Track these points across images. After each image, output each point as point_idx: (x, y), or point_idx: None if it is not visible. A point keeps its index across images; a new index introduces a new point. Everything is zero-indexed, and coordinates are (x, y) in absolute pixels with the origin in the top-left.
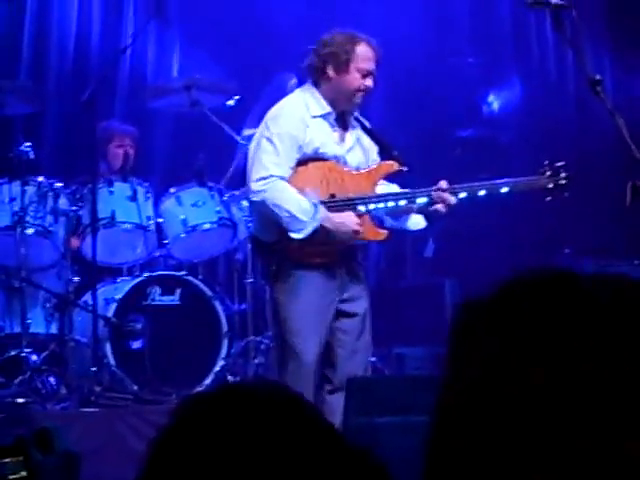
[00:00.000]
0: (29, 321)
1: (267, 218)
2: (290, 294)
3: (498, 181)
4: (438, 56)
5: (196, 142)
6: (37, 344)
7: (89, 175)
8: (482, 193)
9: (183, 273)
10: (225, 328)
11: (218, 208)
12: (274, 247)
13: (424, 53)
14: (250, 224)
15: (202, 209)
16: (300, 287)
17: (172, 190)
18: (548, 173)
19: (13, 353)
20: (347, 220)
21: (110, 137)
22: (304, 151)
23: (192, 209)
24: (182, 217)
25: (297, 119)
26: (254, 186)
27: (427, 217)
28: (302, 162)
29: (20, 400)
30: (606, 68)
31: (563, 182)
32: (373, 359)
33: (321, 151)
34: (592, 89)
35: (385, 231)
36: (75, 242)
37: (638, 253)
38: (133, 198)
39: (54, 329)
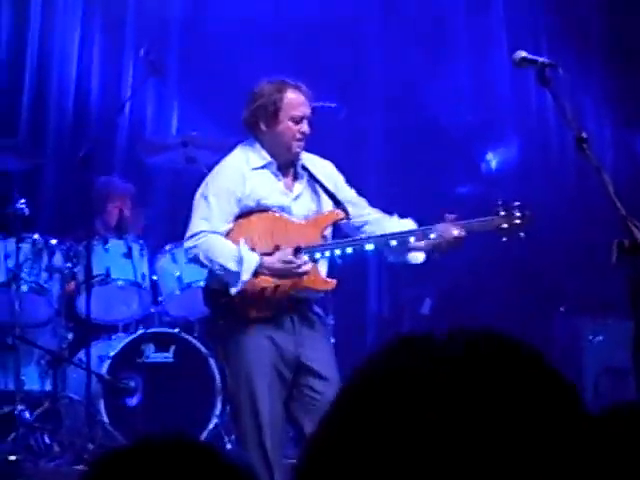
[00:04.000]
0: (23, 378)
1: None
2: (235, 350)
3: (450, 223)
4: (436, 113)
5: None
6: (31, 401)
7: (84, 232)
8: (433, 236)
9: (177, 330)
10: (219, 385)
11: None
12: (220, 300)
13: (422, 110)
14: None
15: (197, 266)
16: (247, 344)
17: (167, 247)
18: (502, 213)
19: (6, 410)
20: (284, 258)
21: (107, 195)
22: (245, 204)
23: (187, 266)
24: (177, 274)
25: (234, 173)
26: (185, 244)
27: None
28: (245, 214)
29: (13, 457)
30: (606, 124)
31: (518, 222)
32: None
33: (264, 202)
34: (578, 146)
35: (333, 280)
36: (70, 287)
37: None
38: (128, 255)
39: (48, 386)
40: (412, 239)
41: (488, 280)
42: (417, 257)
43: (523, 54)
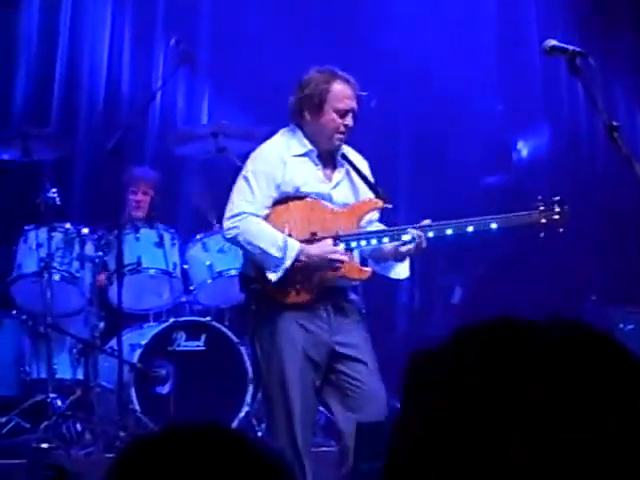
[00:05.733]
0: (55, 366)
1: (245, 254)
2: (269, 336)
3: (487, 217)
4: (467, 103)
5: (223, 188)
6: (63, 389)
7: (115, 221)
8: (470, 229)
9: (209, 319)
10: (250, 374)
11: None
12: (255, 286)
13: (452, 99)
14: None
15: (228, 255)
16: (280, 331)
17: (198, 236)
18: (541, 208)
19: (39, 398)
20: (325, 249)
21: (137, 184)
22: (283, 190)
23: (218, 255)
24: (208, 263)
25: (275, 158)
26: (226, 224)
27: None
28: (283, 201)
29: (45, 445)
30: (637, 113)
31: (556, 217)
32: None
33: (303, 189)
34: (609, 135)
35: (369, 269)
36: (101, 279)
37: None
38: (159, 244)
39: (80, 374)
40: (386, 239)
41: (518, 269)
42: (400, 272)
43: (553, 42)
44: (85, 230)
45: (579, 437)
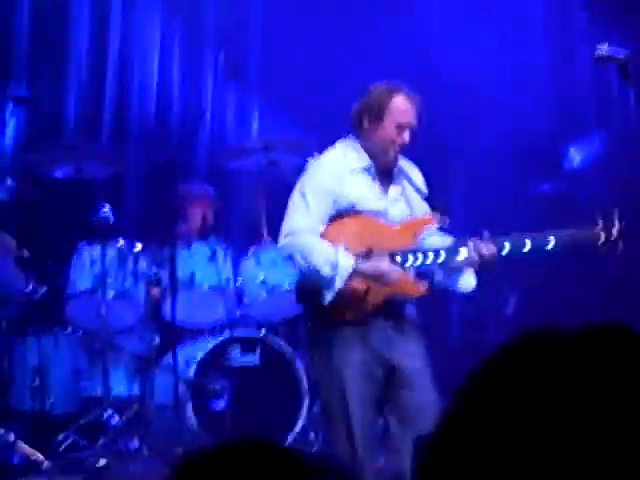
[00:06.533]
0: (111, 383)
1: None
2: (326, 353)
3: (542, 233)
4: (518, 111)
5: (275, 202)
6: (119, 406)
7: (168, 237)
8: (527, 248)
9: (263, 333)
10: (306, 387)
11: None
12: (311, 302)
13: (501, 106)
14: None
15: (281, 268)
16: (338, 347)
17: (251, 250)
18: (600, 225)
19: (95, 415)
20: (380, 265)
21: (189, 199)
22: (340, 205)
23: (271, 269)
24: (261, 277)
25: (333, 173)
26: (281, 240)
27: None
28: (338, 216)
29: (102, 462)
30: None
31: (616, 234)
32: None
33: (358, 206)
34: None
35: (425, 285)
36: (156, 293)
37: None
38: (212, 259)
39: (136, 390)
40: (443, 256)
41: (575, 276)
42: (469, 283)
43: (604, 51)
44: (138, 246)
45: (597, 438)
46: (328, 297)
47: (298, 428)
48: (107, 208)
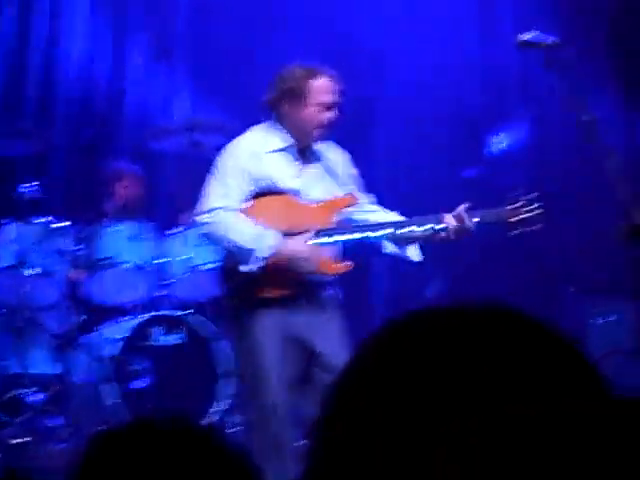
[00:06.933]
0: (31, 361)
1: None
2: (245, 331)
3: (470, 211)
4: (444, 94)
5: (199, 183)
6: (40, 384)
7: (93, 215)
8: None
9: (186, 312)
10: (227, 368)
11: None
12: (232, 279)
13: (429, 90)
14: None
15: (205, 249)
16: (257, 325)
17: (175, 230)
18: (517, 205)
19: (15, 393)
20: (297, 244)
21: (118, 177)
22: (259, 185)
23: (195, 249)
24: (185, 256)
25: (251, 153)
26: (199, 219)
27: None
28: (258, 196)
29: (19, 440)
30: (613, 105)
31: (533, 214)
32: None
33: (278, 185)
34: (584, 128)
35: (343, 264)
36: (75, 274)
37: None
38: (135, 238)
39: (57, 369)
40: (358, 234)
41: (496, 260)
42: (415, 254)
43: (526, 37)
44: (62, 224)
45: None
46: (248, 273)
47: (219, 408)
48: (31, 185)
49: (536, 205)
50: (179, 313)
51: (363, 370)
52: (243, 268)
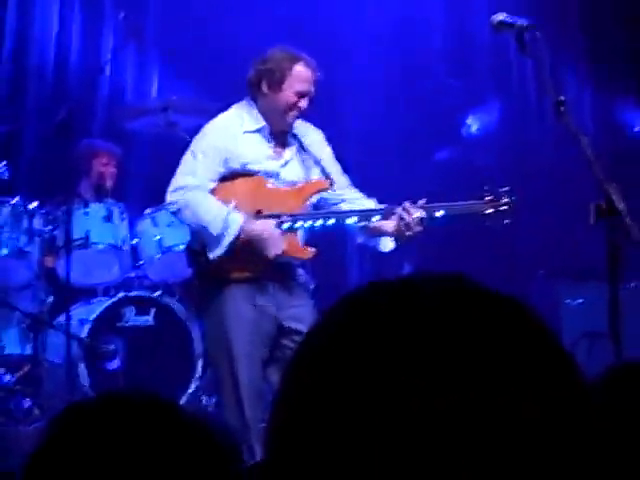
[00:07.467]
0: (3, 342)
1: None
2: (215, 312)
3: (434, 205)
4: (416, 77)
5: (173, 163)
6: (11, 364)
7: (65, 195)
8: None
9: (158, 294)
10: (200, 348)
11: None
12: (201, 260)
13: (401, 74)
14: None
15: (178, 229)
16: (227, 307)
17: (148, 211)
18: (488, 198)
19: None
20: (265, 227)
21: (95, 154)
22: (231, 165)
23: (168, 229)
24: (157, 238)
25: (226, 133)
26: (169, 196)
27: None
28: (230, 177)
29: None
30: (586, 88)
31: (504, 208)
32: None
33: (250, 166)
34: (556, 110)
35: (312, 249)
36: (50, 261)
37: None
38: (108, 219)
39: (28, 350)
40: (332, 220)
41: (465, 243)
42: (387, 244)
43: (500, 17)
44: (33, 204)
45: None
46: (216, 253)
47: (191, 390)
48: (3, 164)
49: (506, 200)
50: (151, 294)
51: (319, 343)
52: (211, 251)
